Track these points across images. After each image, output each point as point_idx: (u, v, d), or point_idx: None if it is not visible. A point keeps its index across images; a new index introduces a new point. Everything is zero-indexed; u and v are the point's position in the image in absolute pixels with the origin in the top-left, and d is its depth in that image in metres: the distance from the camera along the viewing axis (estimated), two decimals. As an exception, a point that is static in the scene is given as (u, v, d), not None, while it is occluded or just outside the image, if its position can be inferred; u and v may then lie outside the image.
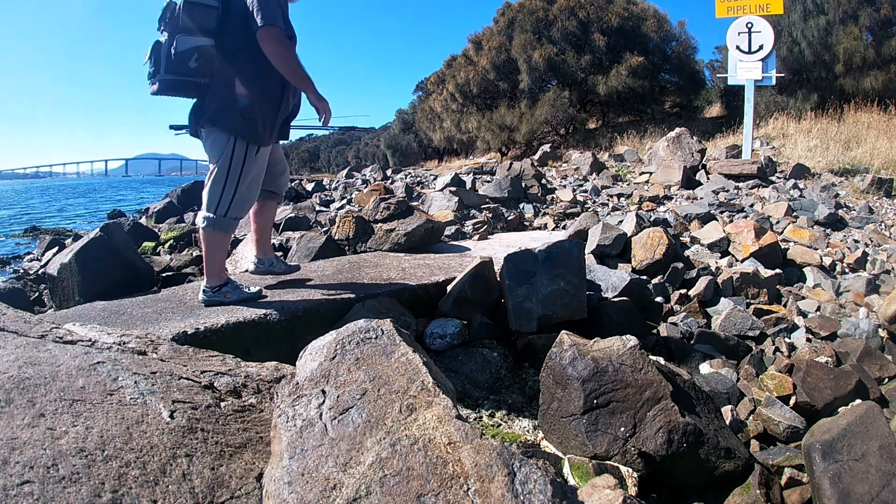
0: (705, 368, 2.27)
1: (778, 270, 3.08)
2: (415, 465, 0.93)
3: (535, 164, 6.76)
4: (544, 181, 5.79)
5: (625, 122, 12.43)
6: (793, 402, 2.04)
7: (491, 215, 4.57)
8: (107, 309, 2.23)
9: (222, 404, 1.21)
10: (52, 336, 1.36)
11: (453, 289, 2.40)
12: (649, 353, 1.66)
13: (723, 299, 2.79)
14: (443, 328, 2.21)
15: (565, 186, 5.91)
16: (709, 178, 5.64)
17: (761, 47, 5.95)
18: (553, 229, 4.39)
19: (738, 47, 6.05)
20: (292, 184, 6.64)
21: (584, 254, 2.32)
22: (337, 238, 3.60)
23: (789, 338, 2.55)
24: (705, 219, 4.01)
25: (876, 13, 9.16)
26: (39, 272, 4.31)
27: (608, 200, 5.29)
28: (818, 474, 1.50)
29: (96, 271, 2.81)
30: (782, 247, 3.43)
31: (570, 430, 1.54)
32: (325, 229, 4.31)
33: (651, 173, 6.15)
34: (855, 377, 2.10)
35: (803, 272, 3.21)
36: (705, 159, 6.19)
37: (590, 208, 4.93)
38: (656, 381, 1.53)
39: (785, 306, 2.85)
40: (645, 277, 2.90)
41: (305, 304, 2.15)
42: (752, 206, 4.51)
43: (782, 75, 7.80)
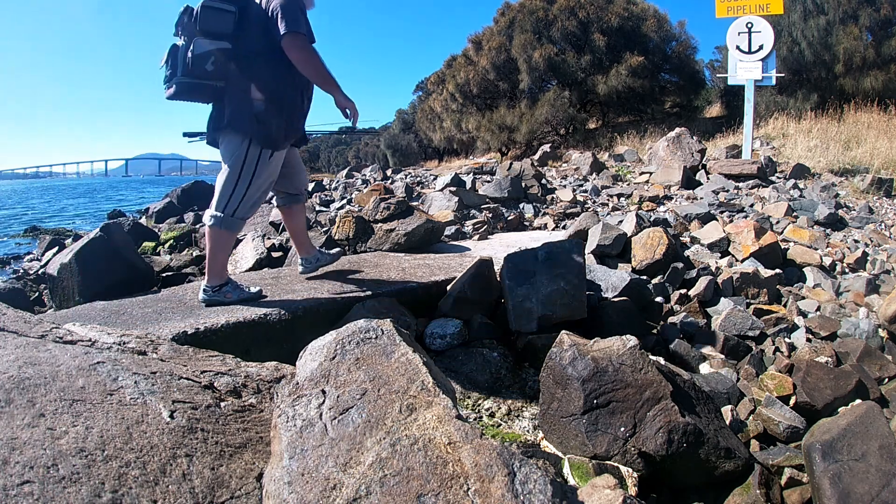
0: (705, 368, 2.27)
1: (778, 270, 3.08)
2: (415, 465, 0.93)
3: (535, 164, 6.76)
4: (544, 181, 5.79)
5: (625, 122, 12.43)
6: (793, 402, 2.04)
7: (491, 215, 4.57)
8: (107, 309, 2.23)
9: (222, 404, 1.21)
10: (52, 336, 1.36)
11: (453, 289, 2.40)
12: (649, 353, 1.66)
13: (723, 299, 2.79)
14: (443, 328, 2.21)
15: (565, 186, 5.91)
16: (709, 178, 5.64)
17: (761, 47, 5.95)
18: (553, 229, 4.39)
19: (738, 47, 6.05)
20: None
21: (584, 254, 2.32)
22: (337, 238, 3.60)
23: (789, 338, 2.55)
24: (705, 219, 4.01)
25: (876, 13, 9.16)
26: (39, 272, 4.32)
27: (608, 200, 5.29)
28: (818, 474, 1.50)
29: (96, 271, 2.81)
30: (782, 247, 3.43)
31: (570, 430, 1.54)
32: (325, 229, 4.31)
33: (651, 173, 6.15)
34: (855, 377, 2.10)
35: (803, 272, 3.21)
36: (705, 159, 6.18)
37: (590, 208, 4.93)
38: (656, 381, 1.53)
39: (785, 306, 2.85)
40: (645, 277, 2.90)
41: (305, 304, 2.15)
42: (752, 206, 4.51)
43: (782, 75, 7.80)
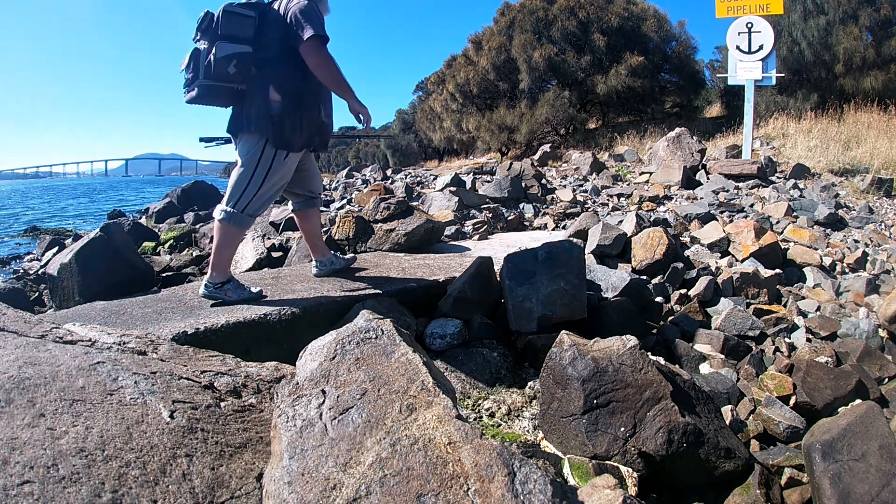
0: (705, 368, 2.27)
1: (778, 270, 3.08)
2: (415, 465, 0.93)
3: (535, 164, 6.76)
4: (544, 181, 5.79)
5: (625, 122, 12.43)
6: (793, 402, 2.03)
7: (491, 215, 4.57)
8: (107, 309, 2.23)
9: (222, 404, 1.21)
10: (52, 336, 1.36)
11: (453, 289, 2.40)
12: (649, 353, 1.66)
13: (723, 299, 2.78)
14: (443, 328, 2.21)
15: (565, 186, 5.91)
16: (709, 178, 5.64)
17: (761, 47, 5.95)
18: (553, 229, 4.39)
19: (738, 47, 6.05)
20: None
21: (584, 254, 2.32)
22: (337, 238, 3.60)
23: (789, 338, 2.55)
24: (705, 219, 4.01)
25: (876, 13, 9.16)
26: (39, 272, 4.32)
27: (608, 200, 5.29)
28: (818, 474, 1.50)
29: (96, 271, 2.81)
30: (782, 247, 3.43)
31: (570, 430, 1.54)
32: (325, 229, 4.31)
33: (651, 173, 6.15)
34: (855, 377, 2.09)
35: (803, 272, 3.21)
36: (705, 159, 6.18)
37: (590, 208, 4.93)
38: (656, 381, 1.53)
39: (785, 306, 2.85)
40: (645, 277, 2.90)
41: (305, 304, 2.15)
42: (752, 206, 4.51)
43: (782, 75, 7.80)
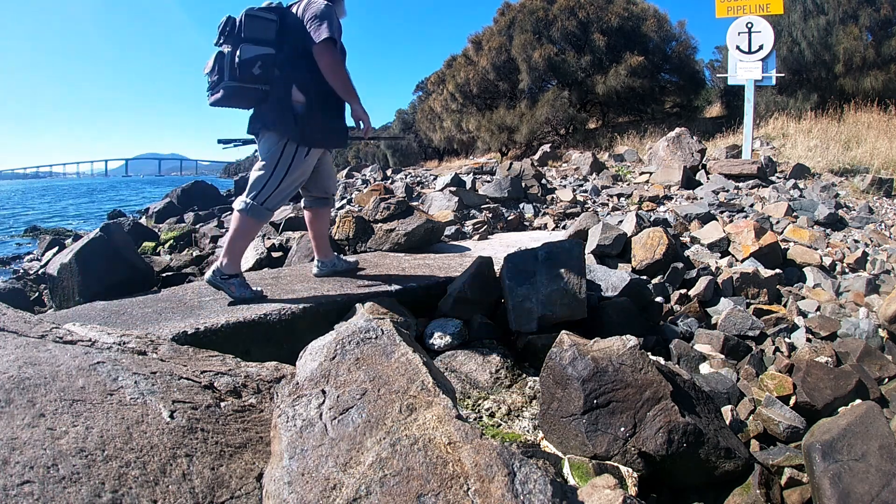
0: (705, 368, 2.27)
1: (778, 270, 3.08)
2: (415, 465, 0.93)
3: (535, 164, 6.76)
4: (544, 181, 5.79)
5: (625, 122, 12.43)
6: (793, 402, 2.03)
7: (491, 215, 4.57)
8: (107, 309, 2.23)
9: (222, 404, 1.21)
10: (52, 336, 1.36)
11: (453, 289, 2.40)
12: (649, 353, 1.66)
13: (723, 299, 2.78)
14: (443, 328, 2.21)
15: (565, 186, 5.91)
16: (709, 178, 5.64)
17: (761, 47, 5.95)
18: (553, 229, 4.39)
19: (738, 47, 6.05)
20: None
21: (584, 254, 2.32)
22: (337, 238, 3.60)
23: (789, 338, 2.55)
24: (705, 219, 4.01)
25: (876, 13, 9.16)
26: (39, 272, 4.32)
27: (608, 200, 5.29)
28: (818, 474, 1.50)
29: (96, 271, 2.81)
30: (782, 247, 3.43)
31: (570, 430, 1.54)
32: (325, 229, 4.31)
33: (651, 173, 6.15)
34: (855, 377, 2.09)
35: (803, 272, 3.21)
36: (705, 159, 6.18)
37: (590, 208, 4.93)
38: (656, 381, 1.53)
39: (785, 306, 2.85)
40: (645, 277, 2.90)
41: (305, 304, 2.15)
42: (752, 206, 4.51)
43: (782, 75, 7.80)
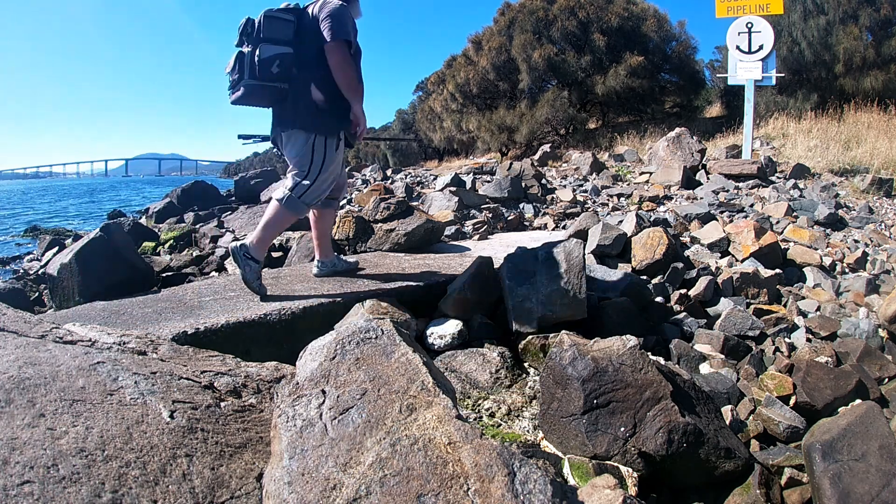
0: (705, 368, 2.27)
1: (778, 270, 3.08)
2: (415, 465, 0.93)
3: (535, 164, 6.76)
4: (544, 181, 5.79)
5: (625, 122, 12.43)
6: (793, 402, 2.03)
7: (491, 215, 4.57)
8: (107, 309, 2.23)
9: (222, 404, 1.21)
10: (53, 336, 1.36)
11: (453, 289, 2.40)
12: (649, 353, 1.66)
13: (723, 299, 2.78)
14: (443, 328, 2.21)
15: (565, 186, 5.91)
16: (709, 178, 5.64)
17: (761, 47, 5.95)
18: (553, 229, 4.39)
19: (738, 47, 6.05)
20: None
21: (584, 254, 2.32)
22: (337, 238, 3.60)
23: (789, 338, 2.55)
24: (705, 219, 4.01)
25: (876, 13, 9.16)
26: (39, 272, 4.32)
27: (608, 200, 5.29)
28: (818, 474, 1.50)
29: (96, 271, 2.81)
30: (782, 247, 3.42)
31: (570, 430, 1.54)
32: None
33: (651, 173, 6.15)
34: (855, 377, 2.09)
35: (803, 272, 3.21)
36: (705, 159, 6.18)
37: (590, 208, 4.93)
38: (656, 381, 1.53)
39: (785, 306, 2.85)
40: (645, 277, 2.90)
41: (305, 304, 2.15)
42: (752, 206, 4.51)
43: (782, 75, 7.80)
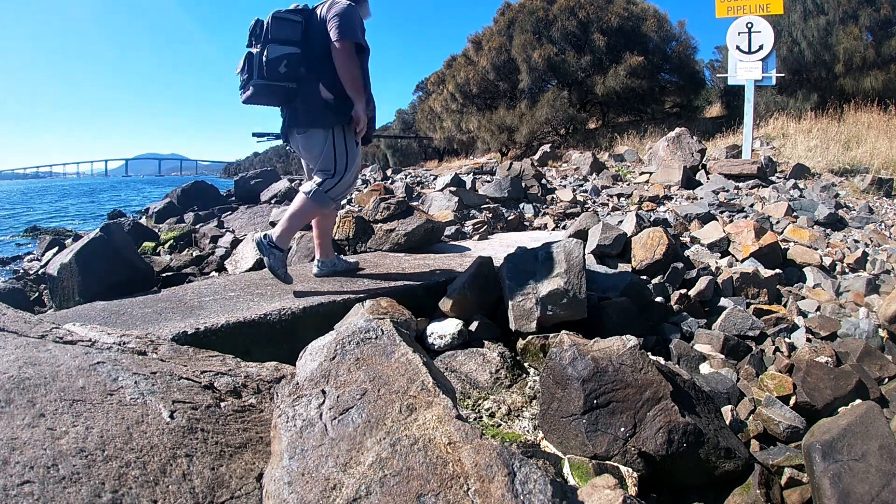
0: (705, 368, 2.27)
1: (778, 270, 3.08)
2: (415, 465, 0.93)
3: (535, 164, 6.76)
4: (544, 181, 5.79)
5: (625, 122, 12.43)
6: (793, 402, 2.03)
7: (491, 215, 4.57)
8: (107, 309, 2.23)
9: (222, 404, 1.21)
10: (53, 336, 1.36)
11: (453, 289, 2.40)
12: (649, 353, 1.66)
13: (723, 299, 2.78)
14: (443, 328, 2.21)
15: (565, 186, 5.91)
16: (709, 178, 5.64)
17: (761, 47, 5.95)
18: (553, 229, 4.39)
19: (738, 47, 6.05)
20: (292, 184, 6.64)
21: (584, 253, 2.32)
22: (337, 238, 3.60)
23: (789, 338, 2.55)
24: (705, 219, 4.01)
25: (876, 13, 9.16)
26: (39, 272, 4.31)
27: (608, 200, 5.29)
28: (818, 474, 1.50)
29: (96, 271, 2.81)
30: (782, 247, 3.42)
31: (570, 430, 1.54)
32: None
33: (651, 173, 6.15)
34: (855, 377, 2.09)
35: (803, 272, 3.21)
36: (705, 159, 6.18)
37: (590, 208, 4.93)
38: (656, 381, 1.53)
39: (785, 306, 2.85)
40: (645, 277, 2.90)
41: (305, 304, 2.15)
42: (752, 206, 4.51)
43: (782, 75, 7.80)
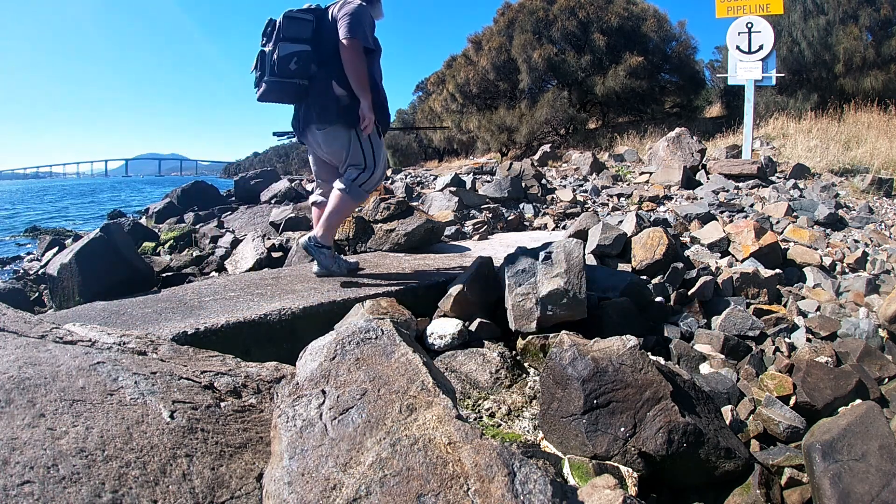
0: (705, 368, 2.27)
1: (778, 270, 3.08)
2: (415, 465, 0.93)
3: (535, 164, 6.76)
4: (544, 181, 5.79)
5: (625, 122, 12.44)
6: (793, 402, 2.03)
7: (491, 215, 4.57)
8: (107, 309, 2.23)
9: (222, 404, 1.21)
10: (53, 336, 1.36)
11: (453, 289, 2.40)
12: (649, 353, 1.66)
13: (723, 299, 2.78)
14: (443, 328, 2.21)
15: (565, 186, 5.91)
16: (709, 178, 5.64)
17: (761, 47, 5.95)
18: (553, 229, 4.39)
19: (738, 47, 6.05)
20: (292, 184, 6.64)
21: (584, 254, 2.32)
22: (337, 238, 3.60)
23: (789, 338, 2.55)
24: (705, 219, 4.01)
25: (876, 13, 9.16)
26: (39, 272, 4.31)
27: (608, 200, 5.29)
28: (818, 474, 1.50)
29: (96, 271, 2.81)
30: (782, 247, 3.42)
31: (570, 430, 1.54)
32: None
33: (651, 173, 6.15)
34: (855, 377, 2.09)
35: (803, 272, 3.21)
36: (705, 159, 6.18)
37: (590, 208, 4.93)
38: (656, 381, 1.53)
39: (785, 306, 2.85)
40: (645, 277, 2.90)
41: (305, 304, 2.15)
42: (752, 206, 4.51)
43: (782, 75, 7.80)
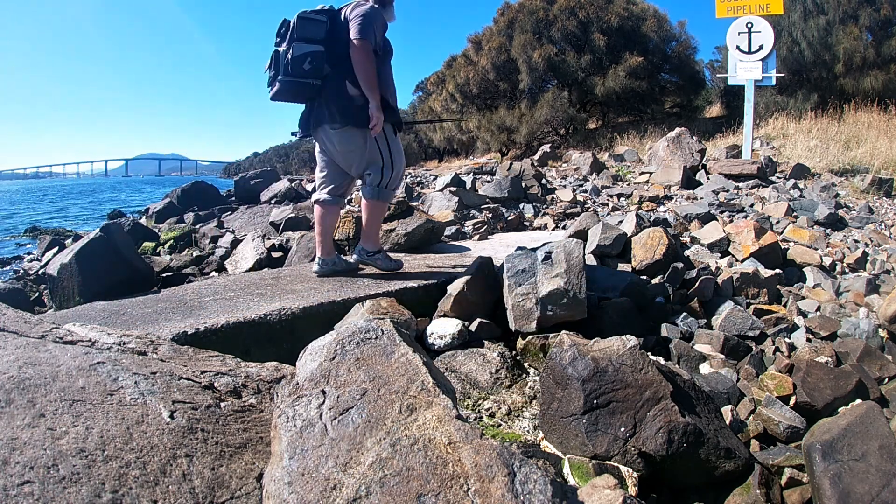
0: (705, 368, 2.27)
1: (778, 270, 3.08)
2: (415, 465, 0.93)
3: (535, 164, 6.76)
4: (544, 181, 5.79)
5: (625, 122, 12.44)
6: (793, 402, 2.03)
7: (491, 215, 4.57)
8: (107, 309, 2.23)
9: (222, 404, 1.21)
10: (53, 336, 1.36)
11: (453, 289, 2.40)
12: (649, 353, 1.66)
13: (723, 299, 2.78)
14: (443, 328, 2.21)
15: (565, 186, 5.91)
16: (709, 178, 5.64)
17: (761, 47, 5.96)
18: (553, 229, 4.39)
19: (738, 47, 6.05)
20: (292, 184, 6.64)
21: (584, 254, 2.32)
22: (337, 238, 3.60)
23: (789, 338, 2.55)
24: (705, 219, 4.01)
25: (876, 13, 9.17)
26: (39, 272, 4.31)
27: (608, 200, 5.29)
28: (818, 474, 1.50)
29: (96, 271, 2.81)
30: (782, 247, 3.42)
31: (570, 430, 1.54)
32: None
33: (651, 173, 6.15)
34: (855, 377, 2.09)
35: (803, 272, 3.21)
36: (705, 159, 6.19)
37: (590, 208, 4.93)
38: (656, 381, 1.53)
39: (785, 306, 2.85)
40: (645, 277, 2.90)
41: (305, 304, 2.15)
42: (752, 206, 4.51)
43: (782, 75, 7.80)
